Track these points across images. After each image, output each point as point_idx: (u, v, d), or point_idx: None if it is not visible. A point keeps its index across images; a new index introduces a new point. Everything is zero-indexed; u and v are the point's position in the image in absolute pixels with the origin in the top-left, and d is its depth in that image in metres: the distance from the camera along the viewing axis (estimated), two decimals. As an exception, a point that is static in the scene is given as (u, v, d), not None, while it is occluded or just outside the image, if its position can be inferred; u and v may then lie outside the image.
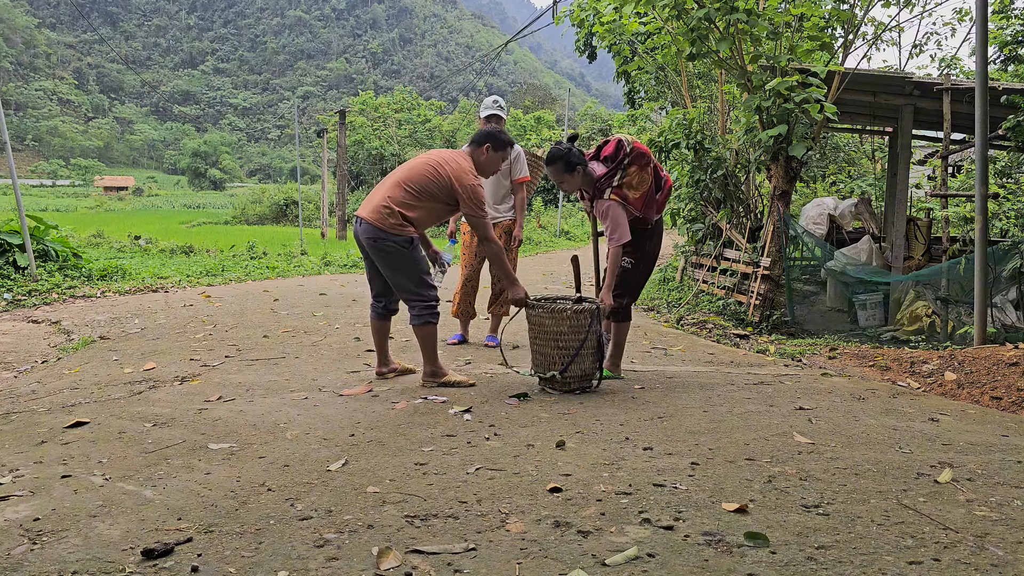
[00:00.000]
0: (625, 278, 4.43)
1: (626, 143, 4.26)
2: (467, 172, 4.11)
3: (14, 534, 2.14)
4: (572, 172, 4.25)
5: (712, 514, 2.30)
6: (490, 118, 5.40)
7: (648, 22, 8.60)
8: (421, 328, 4.13)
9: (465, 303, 5.69)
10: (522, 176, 5.53)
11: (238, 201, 41.00)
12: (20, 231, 8.70)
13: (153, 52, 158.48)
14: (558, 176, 4.27)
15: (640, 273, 4.50)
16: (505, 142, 4.31)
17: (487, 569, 1.93)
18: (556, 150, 4.28)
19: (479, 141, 4.28)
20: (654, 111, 13.25)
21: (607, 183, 4.23)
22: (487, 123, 5.35)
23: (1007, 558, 1.99)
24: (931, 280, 7.78)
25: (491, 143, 4.26)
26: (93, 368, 4.89)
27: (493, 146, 4.26)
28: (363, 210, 4.10)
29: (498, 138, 4.29)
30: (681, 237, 11.64)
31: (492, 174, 4.41)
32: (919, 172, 15.39)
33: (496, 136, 4.29)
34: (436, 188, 4.06)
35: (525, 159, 5.54)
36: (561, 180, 4.30)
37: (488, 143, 4.25)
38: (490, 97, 5.59)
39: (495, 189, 5.51)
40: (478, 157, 4.26)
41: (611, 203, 4.21)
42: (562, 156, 4.23)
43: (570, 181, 4.30)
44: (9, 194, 44.13)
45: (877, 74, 9.04)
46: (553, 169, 4.27)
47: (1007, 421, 3.70)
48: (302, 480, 2.62)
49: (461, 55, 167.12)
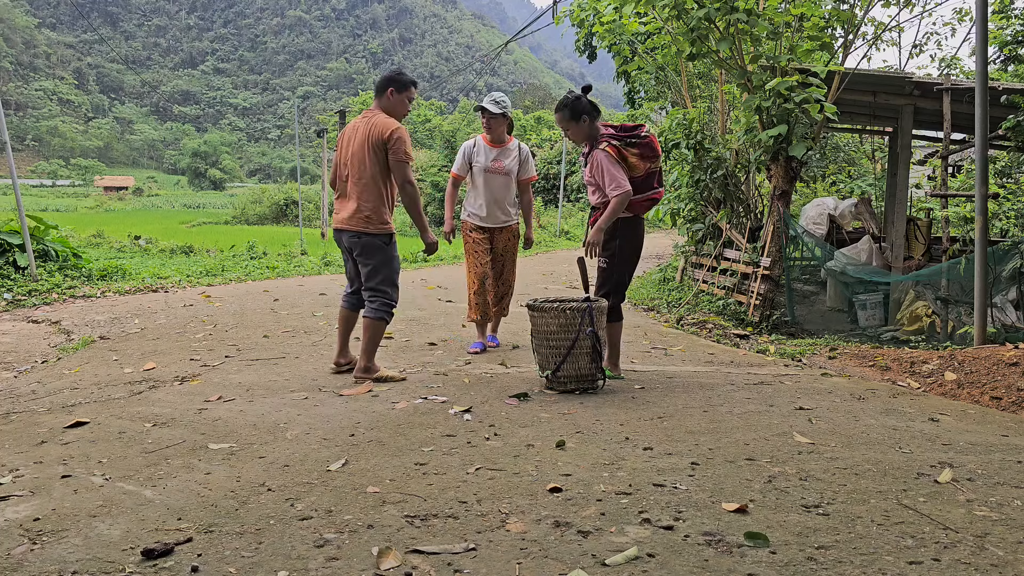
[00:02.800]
0: (604, 278, 4.41)
1: (648, 129, 4.30)
2: (387, 122, 4.16)
3: (14, 534, 2.14)
4: (578, 120, 4.27)
5: (712, 514, 2.30)
6: (481, 111, 5.29)
7: (648, 22, 8.59)
8: (376, 322, 4.24)
9: (484, 306, 5.44)
10: (531, 176, 5.45)
11: (238, 201, 41.02)
12: (20, 231, 8.70)
13: (153, 52, 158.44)
14: (564, 123, 4.32)
15: (616, 272, 4.41)
16: (406, 81, 4.29)
17: (487, 569, 1.93)
18: (566, 97, 4.32)
19: (381, 88, 4.30)
20: (654, 111, 13.23)
21: (607, 139, 4.24)
22: (483, 116, 5.27)
23: (1007, 558, 1.99)
24: (931, 280, 7.77)
25: (392, 86, 4.25)
26: (93, 368, 4.89)
27: (396, 88, 4.25)
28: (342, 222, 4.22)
29: (398, 79, 4.29)
30: (681, 237, 11.63)
31: (403, 115, 4.35)
32: (919, 172, 15.39)
33: (395, 78, 4.29)
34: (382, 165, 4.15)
35: (532, 160, 5.47)
36: (567, 128, 4.34)
37: (390, 87, 4.25)
38: (493, 92, 5.46)
39: (504, 190, 5.35)
40: (385, 104, 4.27)
41: (604, 153, 4.19)
42: (569, 104, 4.27)
43: (575, 130, 4.32)
44: (9, 194, 44.14)
45: (877, 74, 9.03)
46: (560, 116, 4.33)
47: (1007, 421, 3.70)
48: (302, 480, 2.62)
49: (461, 55, 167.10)
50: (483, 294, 5.42)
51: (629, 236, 4.40)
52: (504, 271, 5.49)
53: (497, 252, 5.45)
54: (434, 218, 33.08)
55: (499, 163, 5.30)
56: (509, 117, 5.33)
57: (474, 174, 5.35)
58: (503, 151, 5.34)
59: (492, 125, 5.26)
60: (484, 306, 5.45)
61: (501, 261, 5.47)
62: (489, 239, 5.41)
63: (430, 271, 13.01)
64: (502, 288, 5.51)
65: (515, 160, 5.36)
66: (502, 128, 5.31)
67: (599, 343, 4.06)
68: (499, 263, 5.47)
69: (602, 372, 4.16)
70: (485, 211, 5.33)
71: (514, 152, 5.38)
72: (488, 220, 5.36)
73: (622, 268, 4.43)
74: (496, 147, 5.34)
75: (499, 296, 5.55)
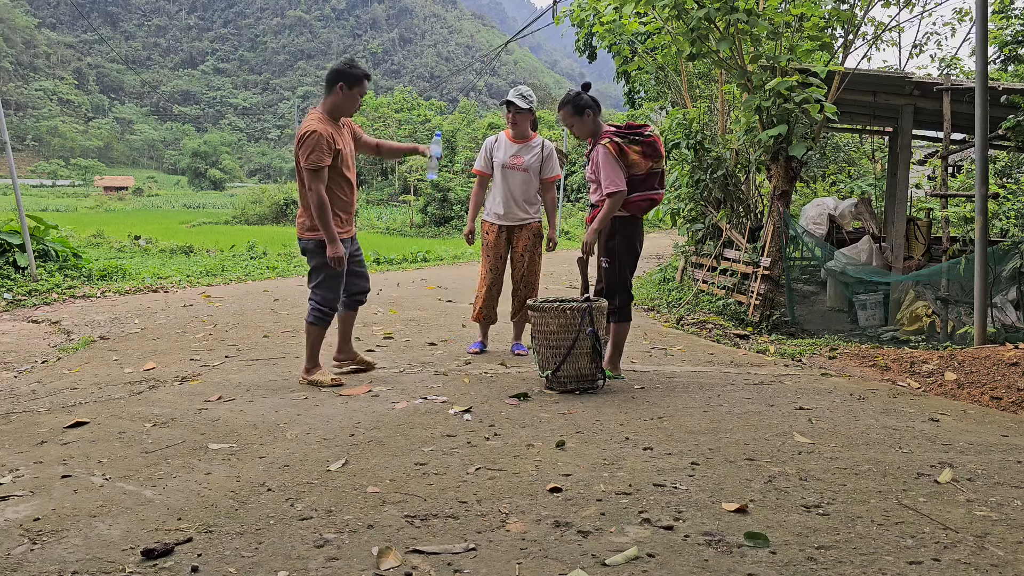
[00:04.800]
0: (606, 279, 4.41)
1: (653, 128, 4.31)
2: (304, 125, 4.01)
3: (14, 534, 2.14)
4: (581, 115, 4.29)
5: (712, 514, 2.30)
6: (507, 105, 5.06)
7: (648, 22, 8.59)
8: (308, 325, 4.26)
9: (489, 308, 5.25)
10: (554, 175, 5.24)
11: (238, 201, 40.99)
12: (20, 231, 8.70)
13: (153, 52, 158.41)
14: (568, 119, 4.34)
15: (619, 271, 4.39)
16: (358, 75, 4.05)
17: (487, 569, 1.93)
18: (568, 94, 4.35)
19: (331, 81, 4.06)
20: (654, 111, 13.24)
21: (609, 135, 4.25)
22: (508, 111, 5.07)
23: (1007, 558, 1.99)
24: (931, 280, 7.77)
25: (343, 80, 4.03)
26: (93, 368, 4.89)
27: (346, 84, 4.04)
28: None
29: (349, 73, 4.04)
30: (681, 237, 11.63)
31: (352, 112, 4.17)
32: (919, 172, 15.39)
33: (346, 72, 4.04)
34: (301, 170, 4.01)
35: (557, 157, 5.26)
36: (571, 124, 4.35)
37: (340, 81, 4.03)
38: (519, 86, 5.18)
39: (524, 187, 5.14)
40: (335, 100, 4.07)
41: (603, 149, 4.19)
42: (571, 99, 4.30)
43: (579, 125, 4.33)
44: (9, 194, 44.11)
45: (877, 74, 9.03)
46: (563, 112, 4.34)
47: (1007, 421, 3.70)
48: (302, 480, 2.62)
49: (461, 55, 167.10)
50: (493, 295, 5.22)
51: (628, 234, 4.39)
52: (526, 273, 5.21)
53: (517, 252, 5.21)
54: (434, 218, 33.10)
55: (519, 159, 5.13)
56: (535, 112, 5.16)
57: (495, 170, 5.19)
58: (524, 147, 5.16)
59: (518, 120, 5.08)
60: (491, 308, 5.26)
61: (522, 262, 5.20)
62: (507, 238, 5.20)
63: (430, 271, 13.00)
64: (524, 291, 5.23)
65: (536, 157, 5.16)
66: (527, 123, 5.13)
67: (599, 343, 4.06)
68: (520, 264, 5.21)
69: (602, 372, 4.16)
70: (503, 208, 5.14)
71: (536, 149, 5.17)
72: (506, 217, 5.15)
73: (624, 267, 4.42)
74: (518, 143, 5.16)
75: (520, 303, 5.27)
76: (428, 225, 32.85)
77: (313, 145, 3.93)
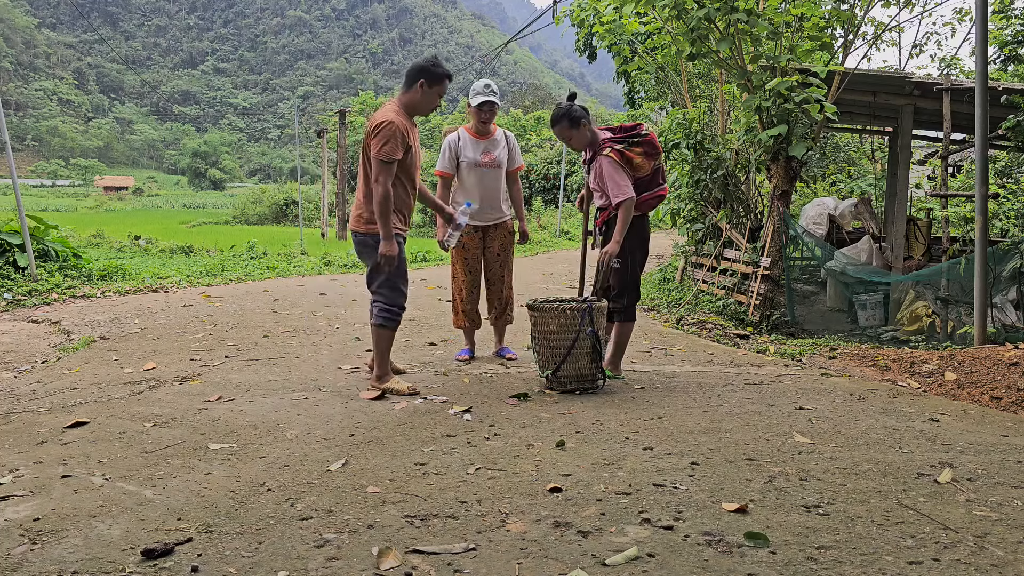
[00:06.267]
0: (618, 279, 4.42)
1: (646, 128, 4.30)
2: (380, 115, 3.83)
3: (14, 534, 2.14)
4: (577, 127, 4.27)
5: (712, 514, 2.30)
6: (482, 106, 4.78)
7: (648, 22, 8.59)
8: (375, 329, 4.04)
9: (471, 312, 5.07)
10: (519, 164, 5.06)
11: (238, 201, 40.96)
12: (20, 231, 8.70)
13: (153, 52, 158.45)
14: (565, 134, 4.29)
15: (630, 270, 4.40)
16: (440, 74, 3.91)
17: (487, 569, 1.93)
18: (558, 108, 4.30)
19: (411, 78, 3.90)
20: (654, 111, 13.23)
21: (610, 143, 4.25)
22: (479, 111, 4.78)
23: (1007, 558, 1.99)
24: (931, 280, 7.77)
25: (425, 77, 3.88)
26: (93, 368, 4.89)
27: (428, 81, 3.89)
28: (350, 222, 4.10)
29: (432, 71, 3.89)
30: (681, 237, 11.63)
31: (428, 112, 4.02)
32: (919, 172, 15.38)
33: (429, 69, 3.89)
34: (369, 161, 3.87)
35: (518, 147, 5.11)
36: (568, 137, 4.31)
37: (422, 78, 3.88)
38: (480, 81, 4.85)
39: (498, 184, 4.93)
40: (413, 96, 3.92)
41: (607, 159, 4.18)
42: (565, 113, 4.26)
43: (577, 137, 4.31)
44: (9, 194, 44.13)
45: (877, 74, 9.03)
46: (559, 128, 4.30)
47: (1007, 421, 3.70)
48: (302, 480, 2.62)
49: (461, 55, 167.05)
50: (475, 298, 5.05)
51: (640, 233, 4.43)
52: (503, 274, 5.05)
53: (492, 253, 5.01)
54: (434, 218, 33.11)
55: (490, 155, 4.89)
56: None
57: (463, 171, 4.88)
58: (491, 142, 4.91)
59: (489, 117, 4.87)
60: (474, 313, 5.09)
61: (498, 262, 5.02)
62: (481, 239, 4.99)
63: (430, 271, 13.00)
64: (506, 293, 5.07)
65: (504, 150, 4.96)
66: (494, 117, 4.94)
67: (599, 343, 4.06)
68: (495, 265, 5.03)
69: (602, 372, 4.16)
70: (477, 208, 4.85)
71: (502, 142, 4.96)
72: (479, 218, 4.89)
73: (636, 265, 4.45)
74: (482, 139, 4.90)
75: (502, 305, 5.11)
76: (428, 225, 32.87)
77: (389, 136, 3.75)
